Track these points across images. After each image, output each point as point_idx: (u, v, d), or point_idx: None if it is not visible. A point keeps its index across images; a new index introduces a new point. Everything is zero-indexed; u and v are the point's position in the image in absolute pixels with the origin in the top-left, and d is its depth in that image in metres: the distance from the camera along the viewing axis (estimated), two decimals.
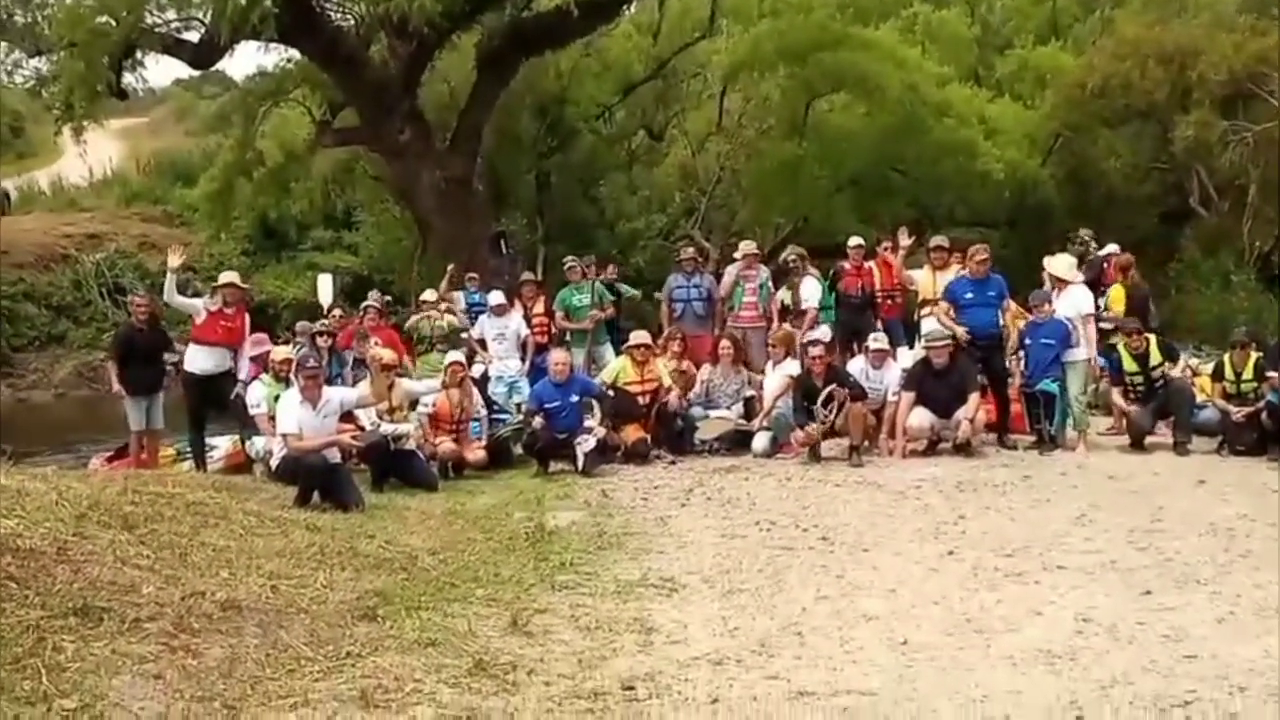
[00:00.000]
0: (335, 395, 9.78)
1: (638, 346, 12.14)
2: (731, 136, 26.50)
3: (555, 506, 9.31)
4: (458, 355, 12.01)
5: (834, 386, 10.87)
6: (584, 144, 26.88)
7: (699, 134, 28.04)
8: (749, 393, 12.33)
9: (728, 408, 12.17)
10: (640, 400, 11.97)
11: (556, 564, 7.25)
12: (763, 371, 12.36)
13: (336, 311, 13.69)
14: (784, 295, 13.45)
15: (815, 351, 11.28)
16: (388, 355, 11.12)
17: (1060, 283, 11.85)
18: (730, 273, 13.72)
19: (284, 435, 9.54)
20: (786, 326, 12.89)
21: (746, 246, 13.97)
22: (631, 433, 11.72)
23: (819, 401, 10.95)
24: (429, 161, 19.21)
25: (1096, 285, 13.24)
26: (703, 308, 13.68)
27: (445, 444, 11.17)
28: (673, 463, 11.50)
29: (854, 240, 13.84)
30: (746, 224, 25.85)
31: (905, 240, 13.15)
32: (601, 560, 7.43)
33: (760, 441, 11.67)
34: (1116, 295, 13.11)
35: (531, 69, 22.44)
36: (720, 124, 26.86)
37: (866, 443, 11.05)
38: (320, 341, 12.57)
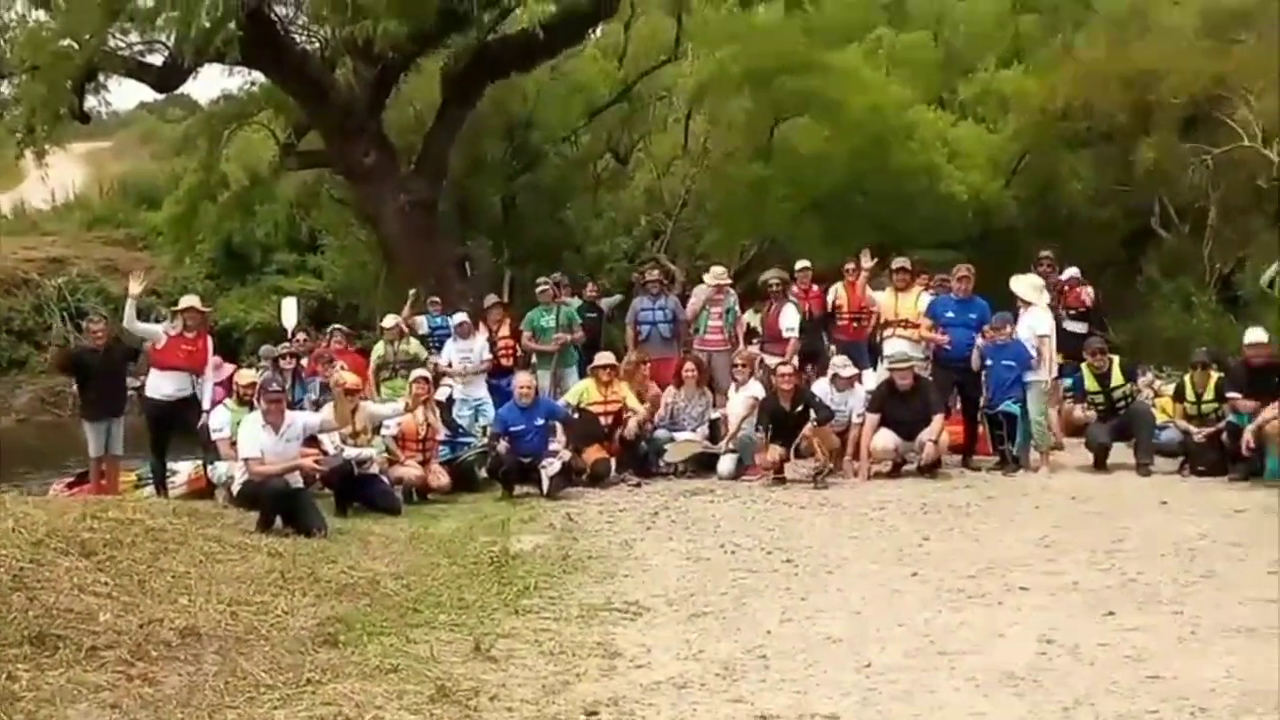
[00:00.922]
0: (298, 420, 9.70)
1: (602, 368, 12.08)
2: (697, 159, 26.57)
3: (520, 530, 9.26)
4: (423, 372, 12.01)
5: (808, 427, 10.93)
6: (550, 167, 26.87)
7: (665, 157, 28.08)
8: (714, 415, 12.30)
9: (692, 430, 12.14)
10: (603, 421, 11.93)
11: (520, 588, 7.21)
12: (727, 394, 12.33)
13: (300, 335, 13.62)
14: (750, 318, 13.47)
15: (785, 371, 11.31)
16: (350, 379, 11.04)
17: (1024, 303, 11.89)
18: (697, 296, 13.70)
19: (246, 459, 9.38)
20: (752, 349, 12.87)
21: (717, 273, 13.96)
22: (593, 453, 11.69)
23: (793, 446, 11.06)
24: (394, 184, 19.09)
25: (1055, 308, 13.15)
26: (668, 330, 13.65)
27: (409, 469, 11.13)
28: (638, 485, 11.46)
29: (800, 263, 13.94)
30: (712, 247, 26.02)
31: (868, 263, 13.19)
32: (566, 584, 7.41)
33: (725, 464, 11.67)
34: None
35: (498, 92, 22.39)
36: (686, 147, 26.94)
37: (831, 465, 11.02)
38: (284, 364, 12.53)
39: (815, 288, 13.57)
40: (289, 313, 14.03)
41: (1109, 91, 22.92)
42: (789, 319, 12.90)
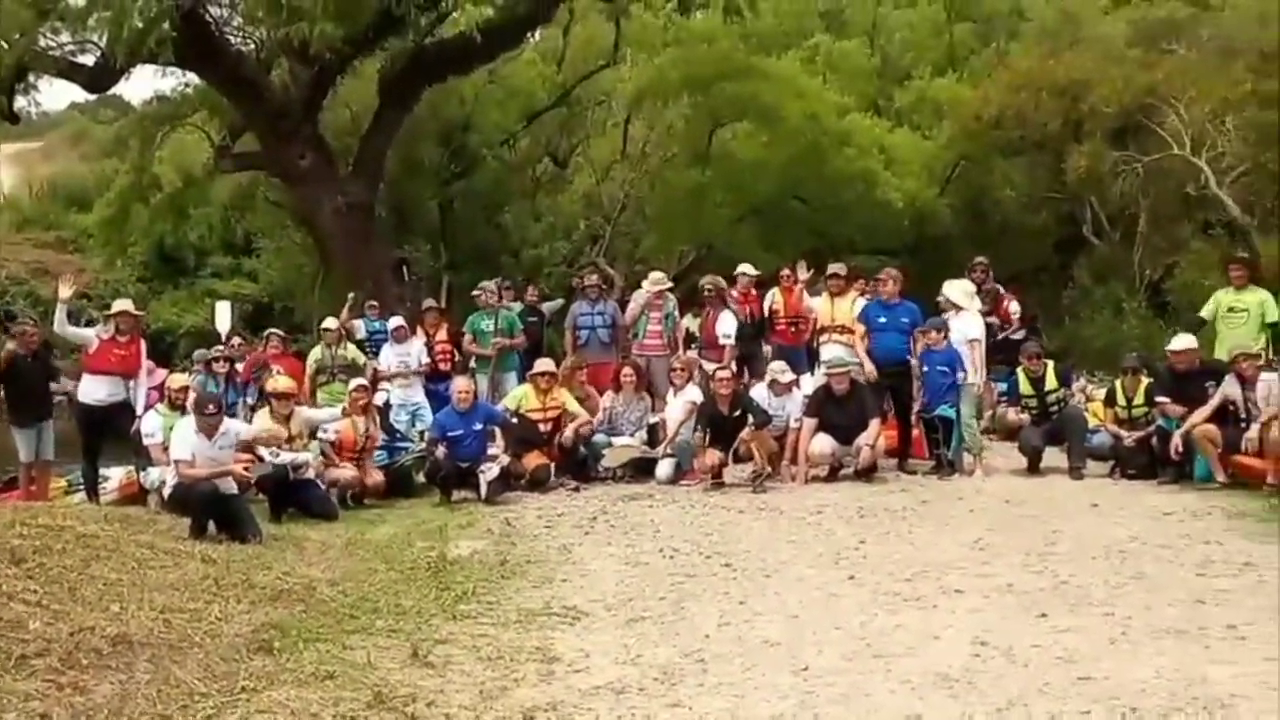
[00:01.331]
0: (232, 428, 9.62)
1: (541, 375, 12.06)
2: (636, 164, 26.64)
3: (457, 535, 9.22)
4: (362, 381, 11.96)
5: (746, 432, 10.99)
6: (488, 171, 26.83)
7: (603, 162, 28.13)
8: (652, 419, 12.34)
9: (631, 435, 12.16)
10: (542, 428, 11.92)
11: (458, 593, 7.17)
12: (666, 399, 12.38)
13: (236, 340, 13.53)
14: (689, 323, 13.47)
15: (723, 376, 11.35)
16: (284, 383, 10.96)
17: (955, 308, 12.05)
18: (636, 301, 13.73)
19: (176, 461, 9.28)
20: (690, 354, 12.88)
21: (656, 278, 13.94)
22: (533, 459, 11.65)
23: (732, 448, 11.13)
24: (330, 187, 18.95)
25: (990, 315, 13.40)
26: (607, 335, 13.67)
27: (345, 470, 11.05)
28: (576, 489, 11.46)
29: (742, 268, 14.01)
30: (651, 251, 26.06)
31: (804, 274, 13.29)
32: (504, 589, 7.38)
33: (664, 468, 11.68)
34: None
35: (435, 95, 22.34)
36: (624, 152, 26.99)
37: (769, 469, 11.06)
38: (217, 368, 12.49)
39: (754, 292, 13.60)
40: (223, 316, 13.91)
41: (1041, 100, 23.20)
42: (725, 326, 12.96)
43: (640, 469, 11.99)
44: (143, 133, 21.30)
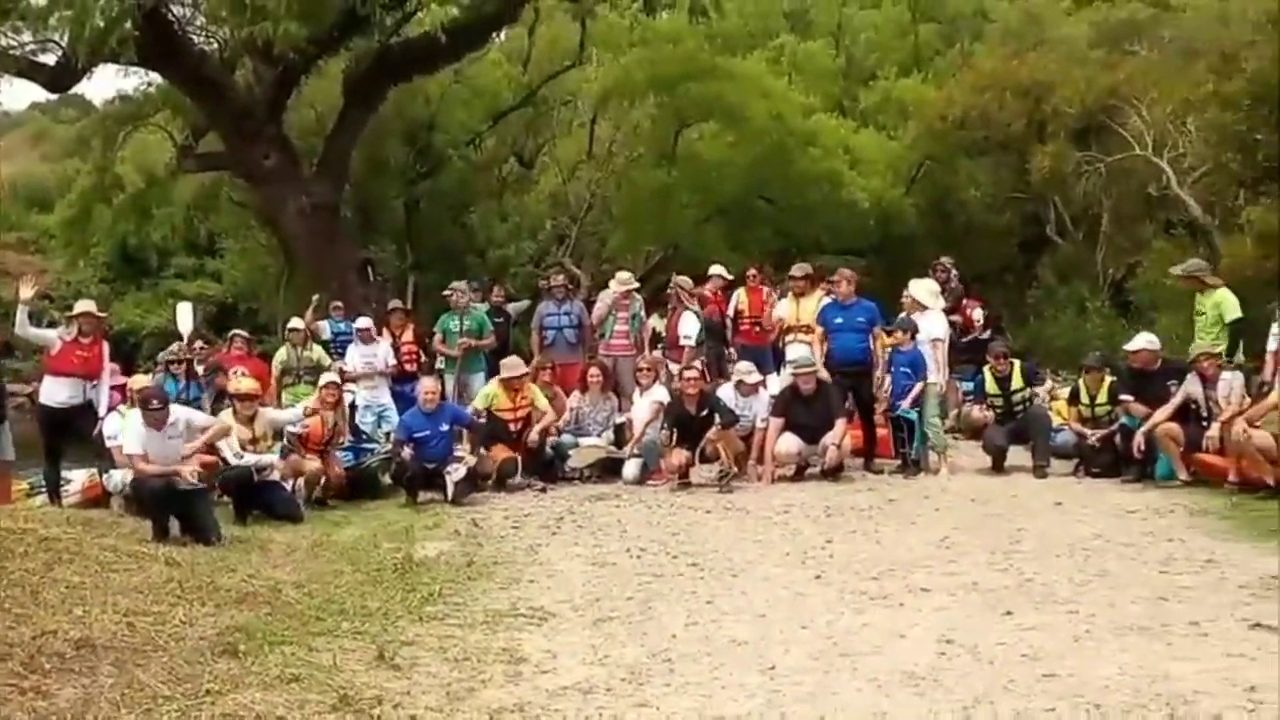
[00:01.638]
0: (182, 417, 9.49)
1: (512, 378, 12.01)
2: (602, 164, 26.58)
3: (424, 537, 9.19)
4: (333, 376, 11.92)
5: (713, 432, 11.00)
6: (454, 171, 26.75)
7: (569, 162, 28.06)
8: (619, 419, 12.37)
9: (598, 435, 12.18)
10: (512, 427, 11.89)
11: (425, 595, 7.15)
12: (633, 398, 12.42)
13: (199, 344, 13.47)
14: (656, 323, 13.55)
15: (690, 375, 11.36)
16: (246, 385, 10.95)
17: (919, 306, 12.16)
18: (603, 301, 13.76)
19: (129, 455, 9.31)
20: (656, 354, 12.97)
21: (623, 278, 13.96)
22: (500, 452, 11.64)
23: (698, 448, 11.14)
24: (295, 187, 18.87)
25: (953, 314, 13.61)
26: (574, 335, 13.72)
27: (310, 461, 11.01)
28: (543, 490, 11.44)
29: (715, 269, 14.21)
30: (617, 251, 26.01)
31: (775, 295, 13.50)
32: (471, 590, 7.37)
33: (630, 469, 11.69)
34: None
35: (400, 95, 22.29)
36: (590, 152, 26.94)
37: (735, 469, 11.09)
38: (174, 369, 12.46)
39: (721, 294, 13.82)
40: (184, 317, 13.77)
41: (1005, 100, 23.29)
42: (687, 327, 13.06)
43: (607, 469, 11.99)
44: (105, 132, 21.24)
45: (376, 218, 25.67)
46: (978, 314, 14.33)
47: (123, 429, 9.65)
